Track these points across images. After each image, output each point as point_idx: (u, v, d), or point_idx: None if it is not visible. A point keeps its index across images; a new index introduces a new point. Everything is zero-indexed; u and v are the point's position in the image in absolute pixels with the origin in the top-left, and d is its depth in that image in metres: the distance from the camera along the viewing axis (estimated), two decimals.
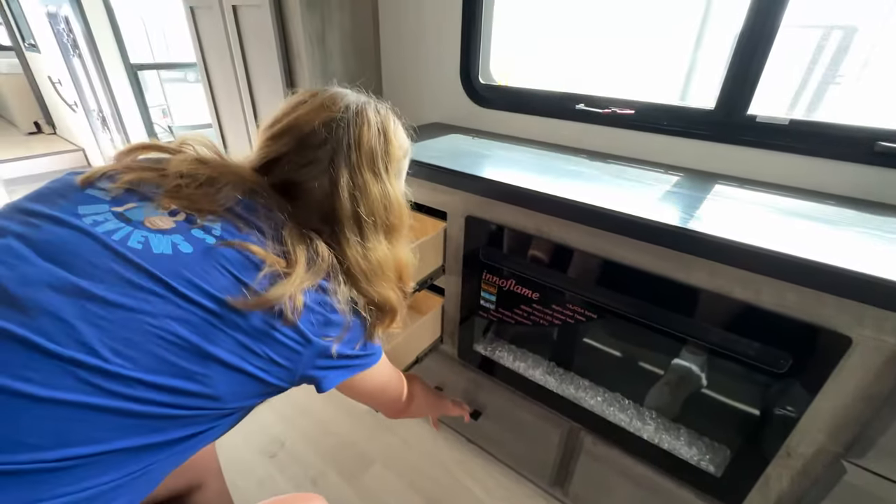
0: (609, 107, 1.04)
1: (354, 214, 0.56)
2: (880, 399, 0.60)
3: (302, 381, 0.54)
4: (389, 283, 0.60)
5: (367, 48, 1.33)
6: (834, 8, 4.24)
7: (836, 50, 4.53)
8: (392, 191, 0.59)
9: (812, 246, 0.61)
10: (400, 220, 0.61)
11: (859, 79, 3.95)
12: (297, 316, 0.48)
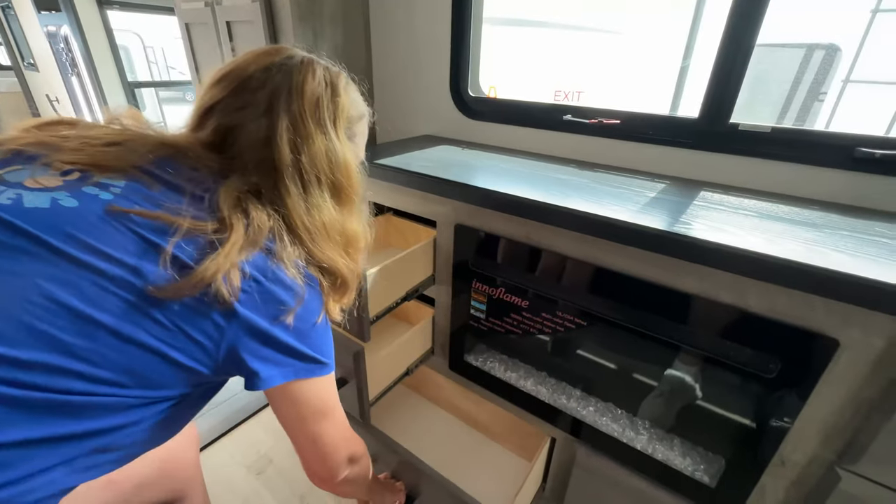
0: (596, 117, 1.05)
1: (295, 164, 0.50)
2: (870, 403, 0.60)
3: (230, 369, 0.47)
4: (336, 249, 0.55)
5: (358, 62, 1.36)
6: (814, 28, 4.36)
7: (818, 68, 4.63)
8: (340, 148, 0.54)
9: (797, 249, 0.61)
10: (348, 181, 0.56)
11: (841, 95, 4.04)
12: (236, 294, 0.43)
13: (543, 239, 0.83)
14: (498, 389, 1.08)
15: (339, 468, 0.61)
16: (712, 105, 0.91)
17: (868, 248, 0.63)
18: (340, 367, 0.95)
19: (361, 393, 0.95)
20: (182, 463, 0.76)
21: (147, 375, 0.42)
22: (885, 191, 0.79)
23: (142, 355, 0.41)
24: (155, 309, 0.40)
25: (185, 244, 0.42)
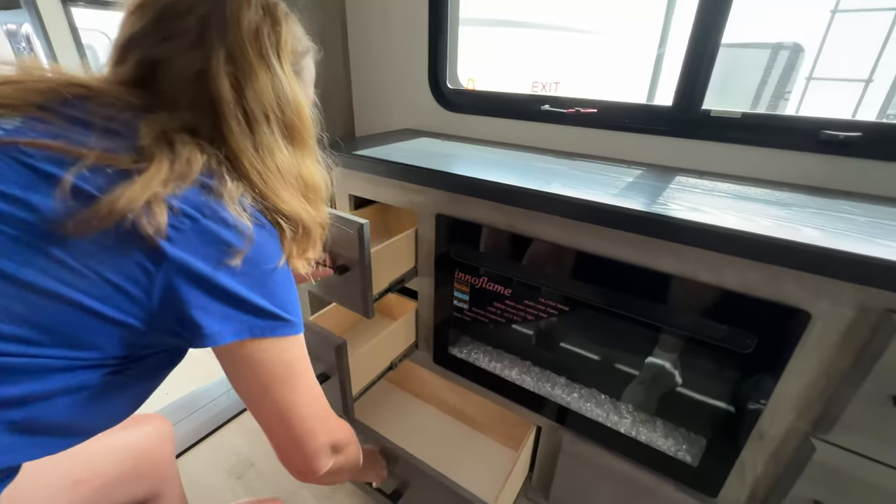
0: (573, 107, 1.07)
1: (238, 101, 0.45)
2: (841, 373, 0.62)
3: (171, 324, 0.41)
4: (295, 195, 0.51)
5: (336, 55, 1.34)
6: (778, 28, 4.54)
7: (784, 67, 4.80)
8: (287, 84, 0.49)
9: (769, 225, 0.63)
10: (301, 120, 0.51)
11: (804, 93, 4.21)
12: (161, 231, 0.38)
13: (524, 225, 0.83)
14: (483, 381, 1.08)
15: (319, 457, 0.54)
16: (685, 92, 0.93)
17: (835, 223, 0.65)
18: (322, 362, 0.93)
19: (344, 388, 0.93)
20: (156, 460, 0.73)
21: (65, 331, 0.37)
22: (849, 171, 0.82)
23: (52, 306, 0.36)
24: (57, 248, 0.36)
25: (91, 174, 0.37)
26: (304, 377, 0.51)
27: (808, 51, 4.67)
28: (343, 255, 0.86)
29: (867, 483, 0.63)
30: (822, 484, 0.67)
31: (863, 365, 0.58)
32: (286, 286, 0.48)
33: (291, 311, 0.48)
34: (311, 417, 0.52)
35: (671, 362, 0.84)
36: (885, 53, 3.78)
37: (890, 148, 0.79)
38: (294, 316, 0.48)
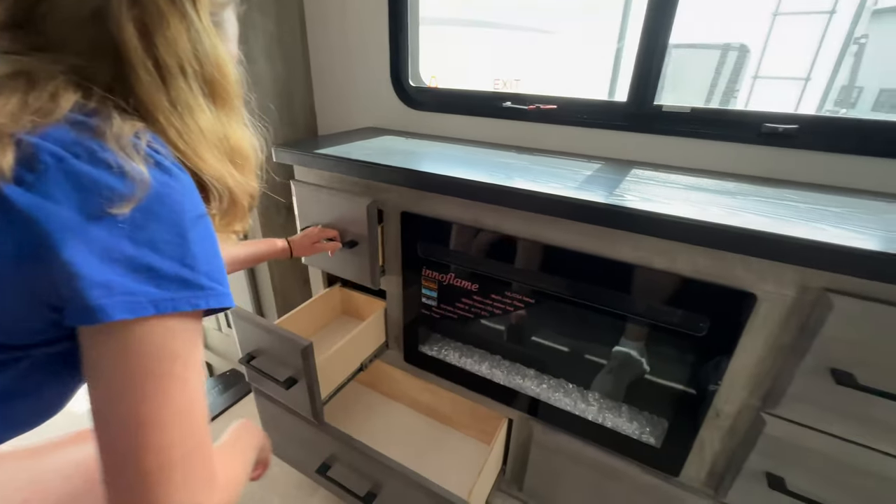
0: (534, 104, 1.08)
1: (147, 49, 0.39)
2: (786, 350, 0.66)
3: (47, 293, 0.33)
4: (221, 159, 0.45)
5: (295, 53, 1.31)
6: (726, 29, 4.80)
7: (733, 67, 5.07)
8: (206, 36, 0.43)
9: (718, 213, 0.66)
10: (223, 77, 0.45)
11: (751, 91, 4.47)
12: (4, 173, 0.31)
13: (489, 220, 0.84)
14: (455, 377, 1.08)
15: (198, 496, 0.37)
16: (638, 89, 0.97)
17: (777, 210, 0.69)
18: (288, 367, 0.91)
19: (312, 392, 0.92)
20: None
21: None
22: (790, 161, 0.87)
23: None
24: None
25: None
26: (187, 384, 0.37)
27: (753, 51, 4.96)
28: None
29: (812, 451, 0.67)
30: (773, 456, 0.71)
31: (804, 341, 0.62)
32: (204, 243, 0.39)
33: (211, 275, 0.39)
34: (175, 450, 0.36)
35: (637, 350, 0.87)
36: (821, 54, 4.07)
37: (824, 139, 0.84)
38: (215, 282, 0.39)
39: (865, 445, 0.64)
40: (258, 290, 1.49)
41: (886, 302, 0.56)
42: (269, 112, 1.26)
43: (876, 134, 0.82)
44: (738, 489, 0.77)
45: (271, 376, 0.93)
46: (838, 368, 0.61)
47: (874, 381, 0.59)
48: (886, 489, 0.64)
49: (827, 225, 0.62)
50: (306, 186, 1.03)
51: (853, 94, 5.57)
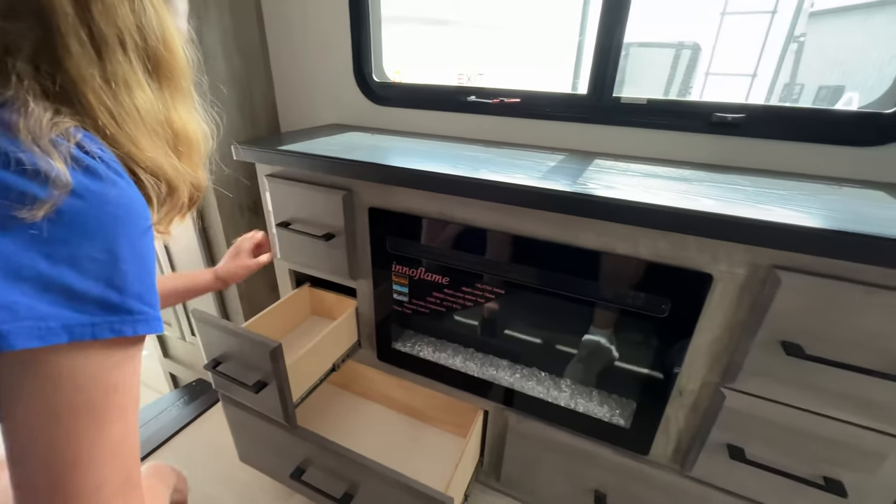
0: (497, 97, 1.10)
1: (80, 15, 0.34)
2: (740, 326, 0.69)
3: None
4: (160, 144, 0.41)
5: (253, 48, 1.27)
6: (680, 28, 5.07)
7: (687, 64, 5.32)
8: (153, 10, 0.40)
9: (674, 198, 0.68)
10: (171, 54, 0.42)
11: (704, 86, 4.70)
12: None
13: (456, 212, 0.84)
14: (429, 372, 1.08)
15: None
16: (597, 81, 0.99)
17: (728, 194, 0.73)
18: (257, 370, 0.88)
19: (283, 394, 0.89)
20: None
21: None
22: (738, 148, 0.92)
23: None
24: None
25: None
26: (124, 416, 0.34)
27: (705, 49, 5.22)
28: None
29: (768, 421, 0.71)
30: (733, 428, 0.75)
31: (756, 316, 0.66)
32: (139, 261, 0.35)
33: (143, 297, 0.35)
34: (106, 487, 0.33)
35: (606, 338, 0.89)
36: (765, 51, 4.32)
37: (768, 127, 0.89)
38: (146, 305, 0.35)
39: (815, 412, 0.68)
40: (223, 295, 1.44)
41: (828, 276, 0.60)
42: (227, 109, 1.21)
43: (813, 122, 0.87)
44: (702, 462, 0.80)
45: (240, 381, 0.90)
46: (788, 341, 0.65)
47: (820, 350, 0.63)
48: (836, 452, 0.69)
49: (773, 206, 0.66)
50: (280, 182, 1.00)
51: (795, 90, 5.96)
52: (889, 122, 0.82)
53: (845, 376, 0.62)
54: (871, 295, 0.58)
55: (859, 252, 0.56)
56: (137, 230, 0.35)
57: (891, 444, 0.65)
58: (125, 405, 0.35)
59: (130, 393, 0.35)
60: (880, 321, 0.58)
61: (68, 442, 0.31)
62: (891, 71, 0.86)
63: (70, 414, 0.31)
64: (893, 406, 0.62)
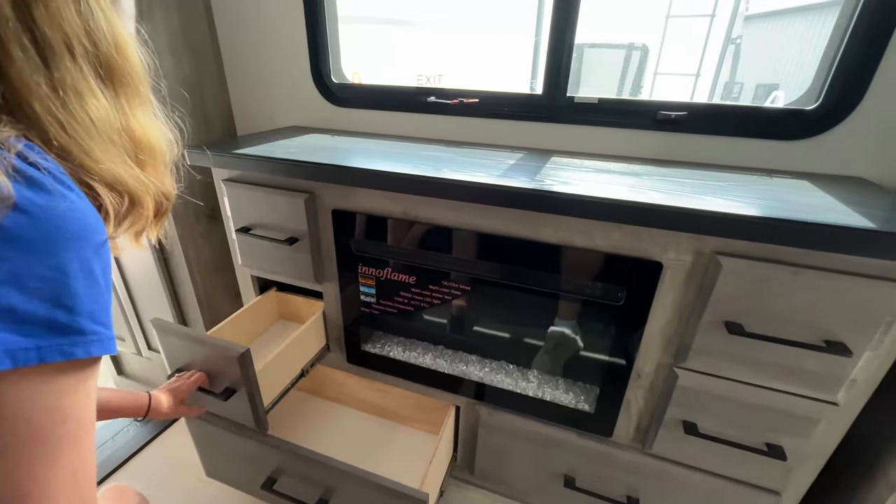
0: (457, 98, 1.12)
1: (23, 22, 0.33)
2: (689, 309, 0.74)
3: None
4: (117, 153, 0.40)
5: (203, 48, 1.23)
6: (629, 31, 5.31)
7: (638, 64, 5.56)
8: (103, 14, 0.38)
9: (625, 192, 0.72)
10: (126, 61, 0.40)
11: (653, 86, 4.95)
12: None
13: (419, 212, 0.85)
14: (400, 372, 1.08)
15: None
16: (552, 81, 1.03)
17: (673, 187, 0.78)
18: (225, 378, 0.86)
19: (254, 400, 0.87)
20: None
21: None
22: (682, 144, 0.99)
23: None
24: None
25: None
26: (77, 445, 0.33)
27: (653, 51, 5.49)
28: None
29: (717, 396, 0.77)
30: (686, 405, 0.80)
31: (702, 299, 0.71)
32: (91, 278, 0.33)
33: (95, 317, 0.34)
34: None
35: (571, 329, 0.93)
36: (707, 53, 4.60)
37: (707, 124, 0.96)
38: (99, 324, 0.34)
39: (757, 385, 0.74)
40: (180, 304, 1.38)
41: (762, 259, 0.66)
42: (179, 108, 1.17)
43: (746, 118, 0.94)
44: (661, 439, 0.85)
45: (207, 390, 0.87)
46: (730, 321, 0.70)
47: (759, 328, 0.68)
48: (776, 420, 0.75)
49: (713, 197, 0.71)
50: (239, 186, 0.97)
51: (735, 88, 6.37)
52: (811, 118, 0.90)
53: (780, 350, 0.68)
54: (798, 275, 0.64)
55: (787, 236, 0.62)
56: (90, 246, 0.34)
57: (822, 408, 0.72)
58: (78, 434, 0.33)
59: (84, 419, 0.34)
60: (807, 298, 0.65)
61: (17, 475, 0.30)
62: (813, 71, 0.96)
63: (17, 447, 0.30)
64: (822, 374, 0.69)
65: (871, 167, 0.88)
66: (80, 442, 0.34)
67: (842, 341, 0.65)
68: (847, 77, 0.84)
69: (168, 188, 0.47)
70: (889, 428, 0.77)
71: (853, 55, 0.83)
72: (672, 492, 0.92)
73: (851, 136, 0.87)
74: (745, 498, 0.85)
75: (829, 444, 0.77)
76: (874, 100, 0.84)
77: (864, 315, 0.63)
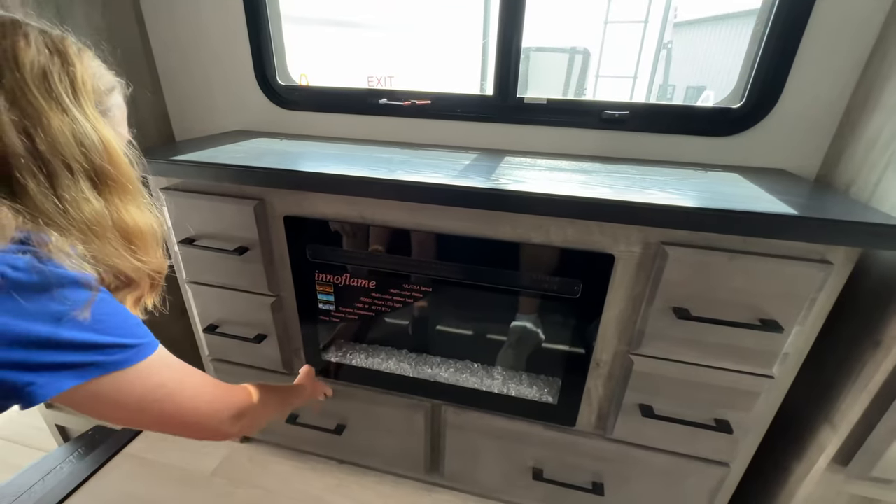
0: (409, 99, 1.11)
1: (31, 151, 0.42)
2: (640, 298, 0.78)
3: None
4: (115, 247, 0.49)
5: (133, 49, 1.14)
6: (571, 35, 5.54)
7: (581, 68, 5.80)
8: (91, 127, 0.46)
9: (576, 188, 0.75)
10: (114, 165, 0.49)
11: (595, 88, 5.21)
12: None
13: (374, 214, 0.84)
14: (363, 379, 1.06)
15: (223, 428, 0.59)
16: (502, 83, 1.05)
17: (620, 182, 0.82)
18: (255, 326, 0.86)
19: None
20: None
21: None
22: (626, 141, 1.04)
23: None
24: None
25: None
26: (182, 385, 0.53)
27: (594, 54, 5.76)
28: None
29: (670, 379, 0.81)
30: (642, 389, 0.84)
31: (651, 288, 0.75)
32: (121, 314, 0.47)
33: (130, 335, 0.46)
34: (203, 406, 0.56)
35: (532, 322, 0.94)
36: (642, 57, 4.90)
37: (647, 122, 1.02)
38: (136, 338, 0.47)
39: (704, 365, 0.79)
40: None
41: (704, 247, 0.71)
42: None
43: (682, 117, 1.01)
44: (620, 424, 0.89)
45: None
46: (678, 306, 0.74)
47: (703, 311, 0.73)
48: (722, 396, 0.80)
49: (655, 191, 0.75)
50: (180, 195, 0.91)
51: (669, 89, 6.83)
52: (737, 116, 0.97)
53: (723, 331, 0.74)
54: (733, 260, 0.69)
55: (722, 225, 0.66)
56: (92, 295, 0.44)
57: (761, 382, 0.78)
58: (178, 385, 0.52)
59: (176, 376, 0.52)
60: (743, 281, 0.70)
61: (161, 413, 0.51)
62: (736, 73, 1.06)
63: (149, 405, 0.49)
64: (759, 350, 0.75)
65: (791, 160, 0.97)
66: (182, 386, 0.53)
67: (774, 319, 0.71)
68: (765, 78, 0.92)
69: (160, 265, 0.56)
70: (816, 396, 0.84)
71: (769, 59, 0.91)
72: (634, 473, 0.96)
73: (772, 131, 0.96)
74: (700, 472, 0.91)
75: (768, 415, 0.83)
76: (789, 99, 0.92)
77: (791, 294, 0.69)
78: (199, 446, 1.28)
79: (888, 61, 0.81)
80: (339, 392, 1.08)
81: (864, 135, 0.84)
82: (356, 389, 1.07)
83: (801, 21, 0.86)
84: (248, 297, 0.99)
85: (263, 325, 1.01)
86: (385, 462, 1.19)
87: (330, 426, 1.12)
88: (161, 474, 1.21)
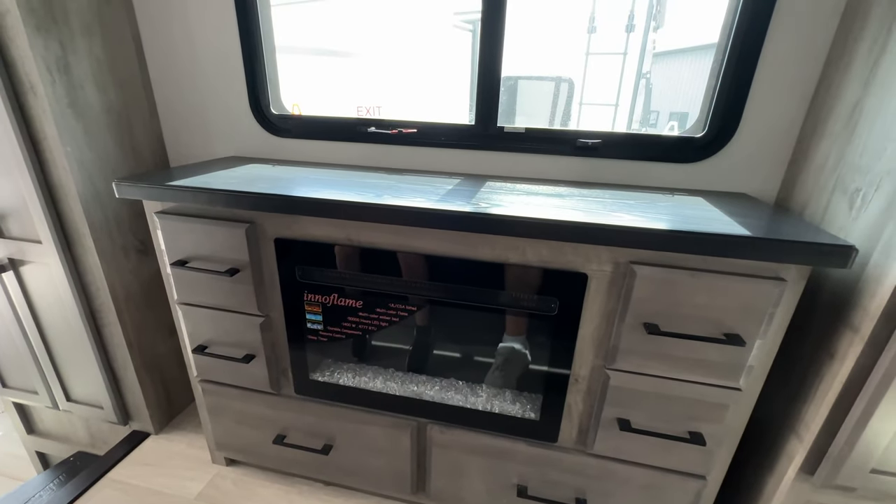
0: (396, 128, 1.17)
1: None
2: (613, 314, 0.82)
3: None
4: None
5: (131, 79, 1.19)
6: (556, 65, 5.75)
7: (567, 96, 5.97)
8: None
9: (551, 212, 0.80)
10: None
11: (580, 115, 5.38)
12: None
13: (362, 237, 0.88)
14: (350, 399, 1.07)
15: None
16: (483, 112, 1.12)
17: (591, 206, 0.87)
18: (244, 346, 0.83)
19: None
20: None
21: None
22: (599, 168, 1.11)
23: None
24: None
25: None
26: None
27: (578, 83, 6.00)
28: None
29: (644, 392, 0.85)
30: (619, 404, 0.88)
31: (623, 305, 0.79)
32: None
33: None
34: None
35: (520, 343, 0.98)
36: (623, 86, 5.14)
37: (618, 149, 1.09)
38: None
39: (675, 378, 0.83)
40: (107, 348, 1.28)
41: (670, 266, 0.76)
42: (103, 143, 1.12)
43: (650, 145, 1.08)
44: (600, 438, 0.92)
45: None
46: (648, 322, 0.79)
47: (671, 326, 0.78)
48: (694, 409, 0.84)
49: (624, 213, 0.81)
50: (174, 219, 0.94)
51: (651, 116, 7.11)
52: (700, 144, 1.05)
53: (690, 345, 0.78)
54: (696, 278, 0.74)
55: (685, 245, 0.71)
56: None
57: (729, 394, 0.82)
58: None
59: None
60: (706, 297, 0.75)
61: None
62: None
63: None
64: (725, 363, 0.79)
65: (752, 184, 1.04)
66: None
67: (737, 333, 0.76)
68: (724, 109, 1.00)
69: None
70: (783, 407, 0.88)
71: (727, 91, 0.99)
72: (615, 489, 0.98)
73: (733, 158, 1.03)
74: (678, 485, 0.94)
75: (739, 427, 0.87)
76: (747, 128, 1.00)
77: (750, 308, 0.74)
78: (183, 471, 1.27)
79: (832, 92, 0.89)
80: (326, 411, 1.09)
81: (814, 160, 0.92)
82: (343, 409, 1.09)
83: (754, 55, 0.94)
84: (237, 317, 1.02)
85: (252, 345, 1.03)
86: (372, 482, 1.19)
87: (317, 446, 1.13)
88: (144, 500, 1.20)
